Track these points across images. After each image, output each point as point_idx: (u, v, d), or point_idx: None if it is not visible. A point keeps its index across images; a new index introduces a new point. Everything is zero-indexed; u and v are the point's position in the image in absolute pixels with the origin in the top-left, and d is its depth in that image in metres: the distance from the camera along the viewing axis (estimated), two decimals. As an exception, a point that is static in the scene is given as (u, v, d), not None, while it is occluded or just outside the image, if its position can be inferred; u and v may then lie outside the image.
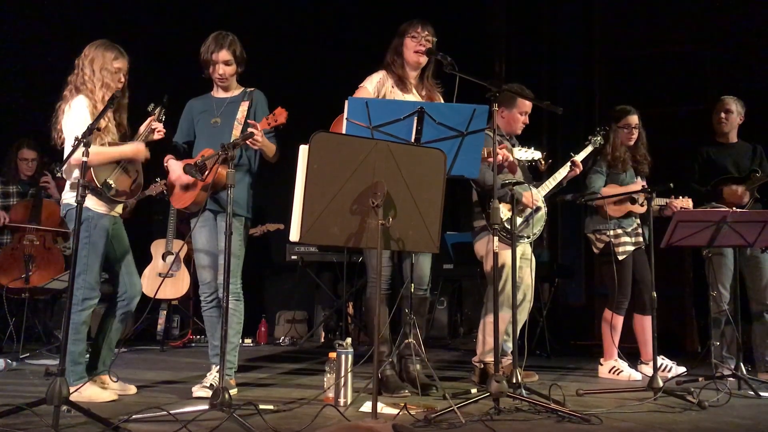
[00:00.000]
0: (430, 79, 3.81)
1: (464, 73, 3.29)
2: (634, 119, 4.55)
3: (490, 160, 3.32)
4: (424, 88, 3.79)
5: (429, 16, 3.80)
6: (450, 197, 2.91)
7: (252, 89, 3.69)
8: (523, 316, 3.89)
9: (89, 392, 3.17)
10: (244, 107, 3.59)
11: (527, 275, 3.97)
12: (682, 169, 4.75)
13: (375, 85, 3.68)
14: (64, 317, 2.78)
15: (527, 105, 4.11)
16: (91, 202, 3.29)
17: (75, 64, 3.41)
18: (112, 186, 3.30)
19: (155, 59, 6.34)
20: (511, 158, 3.80)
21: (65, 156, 3.13)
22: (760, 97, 5.65)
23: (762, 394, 3.68)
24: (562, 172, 4.17)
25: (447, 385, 3.74)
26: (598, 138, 4.47)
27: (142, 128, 3.49)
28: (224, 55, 3.55)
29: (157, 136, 3.50)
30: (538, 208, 3.99)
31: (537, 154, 4.05)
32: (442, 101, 3.81)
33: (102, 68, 3.37)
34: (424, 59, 3.71)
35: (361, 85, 3.70)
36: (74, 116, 3.27)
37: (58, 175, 2.92)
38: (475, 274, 5.58)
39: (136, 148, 3.40)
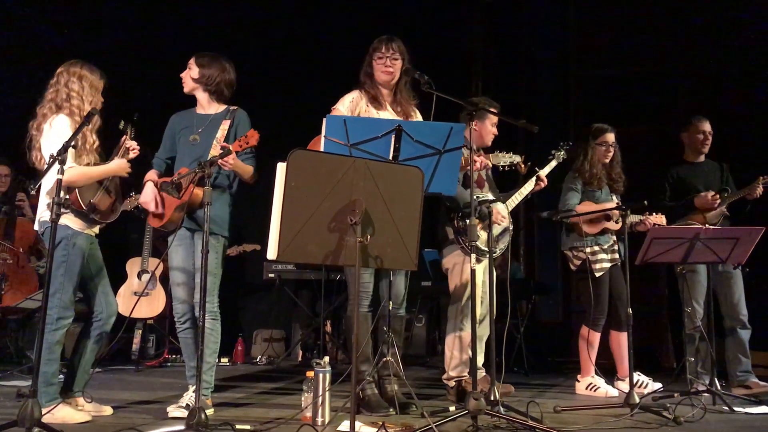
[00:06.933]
0: (404, 93, 3.78)
1: (441, 92, 3.32)
2: (611, 137, 4.61)
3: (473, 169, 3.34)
4: (399, 104, 3.78)
5: (406, 35, 3.82)
6: (428, 215, 2.92)
7: (235, 108, 3.68)
8: (485, 332, 3.91)
9: (62, 414, 3.11)
10: (224, 126, 3.57)
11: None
12: (654, 188, 4.80)
13: (348, 105, 3.68)
14: (37, 337, 2.74)
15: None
16: (70, 221, 3.25)
17: (55, 81, 3.35)
18: (97, 206, 3.28)
19: (129, 81, 6.31)
20: (489, 163, 3.85)
21: (43, 173, 3.06)
22: (729, 117, 5.78)
23: (736, 408, 3.72)
24: (528, 188, 4.20)
25: (425, 403, 3.73)
26: (562, 153, 4.50)
27: (118, 149, 3.47)
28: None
29: (132, 154, 3.49)
30: (505, 228, 4.01)
31: (516, 158, 4.08)
32: (418, 113, 3.82)
33: (91, 85, 3.37)
34: (393, 77, 3.72)
35: (334, 107, 3.69)
36: (56, 135, 3.20)
37: (33, 193, 2.87)
38: (453, 292, 5.58)
39: (118, 166, 3.39)
